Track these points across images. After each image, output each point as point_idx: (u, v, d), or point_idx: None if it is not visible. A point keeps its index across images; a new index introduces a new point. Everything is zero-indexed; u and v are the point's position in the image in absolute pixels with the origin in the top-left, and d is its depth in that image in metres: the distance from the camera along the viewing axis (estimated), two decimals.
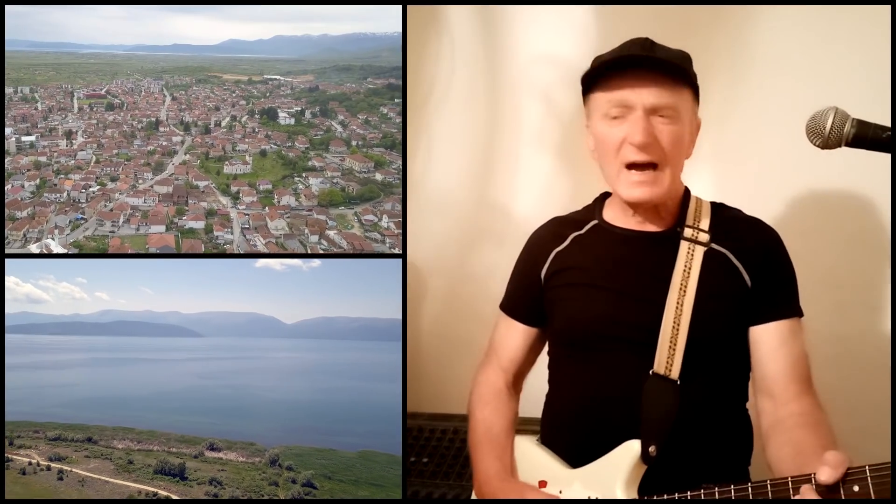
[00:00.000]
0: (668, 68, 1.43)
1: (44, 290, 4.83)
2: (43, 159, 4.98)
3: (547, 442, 1.65)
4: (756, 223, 1.58)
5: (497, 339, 1.80)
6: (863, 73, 2.16)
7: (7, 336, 6.48)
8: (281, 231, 4.16)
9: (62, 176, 4.76)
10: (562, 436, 1.61)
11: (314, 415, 4.34)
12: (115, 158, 5.14)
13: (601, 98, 1.49)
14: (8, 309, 4.26)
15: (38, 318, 5.93)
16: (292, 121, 5.74)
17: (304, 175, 4.85)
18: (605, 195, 1.71)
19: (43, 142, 5.21)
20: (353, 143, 5.17)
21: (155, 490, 2.80)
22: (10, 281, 4.33)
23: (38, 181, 4.65)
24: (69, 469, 2.94)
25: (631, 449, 1.40)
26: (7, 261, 4.09)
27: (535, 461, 1.61)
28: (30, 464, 2.93)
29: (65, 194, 4.50)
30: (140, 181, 4.80)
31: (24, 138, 5.18)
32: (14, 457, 2.97)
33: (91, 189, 4.59)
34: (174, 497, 2.83)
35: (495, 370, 1.78)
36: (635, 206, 1.54)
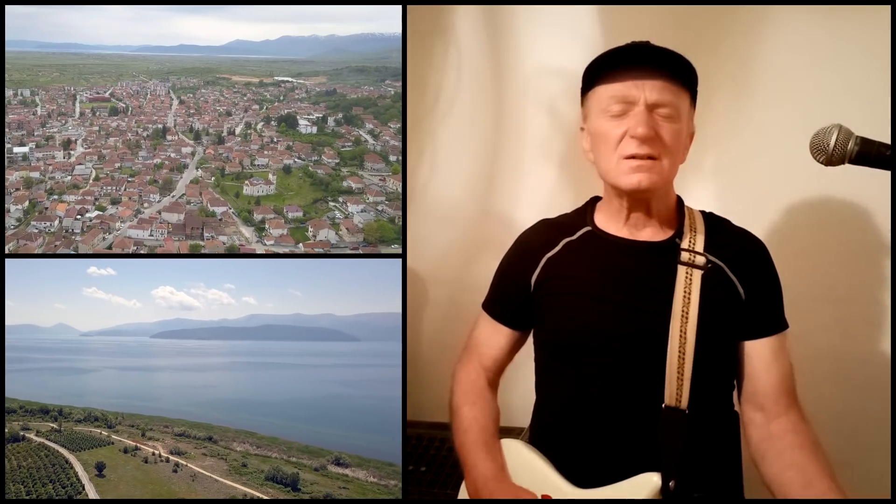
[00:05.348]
0: (676, 62, 1.41)
1: (195, 297, 4.77)
2: (35, 175, 4.11)
3: (538, 450, 1.57)
4: (746, 234, 1.54)
5: (479, 339, 1.71)
6: (868, 89, 2.08)
7: (159, 340, 6.67)
8: None
9: (55, 198, 3.87)
10: (554, 446, 1.53)
11: None
12: (117, 174, 4.29)
13: (603, 93, 1.44)
14: (164, 316, 4.71)
15: (189, 324, 5.86)
16: (314, 129, 4.89)
17: (340, 200, 3.86)
18: (595, 199, 1.64)
19: (38, 153, 4.37)
20: (393, 158, 4.21)
21: (261, 496, 2.72)
22: (165, 290, 4.41)
23: (26, 204, 3.67)
24: (185, 463, 2.94)
25: (650, 481, 1.34)
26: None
27: (534, 470, 1.52)
28: (153, 454, 2.99)
29: (56, 222, 3.52)
30: (146, 204, 3.85)
31: (16, 149, 4.33)
32: (142, 446, 3.04)
33: (88, 215, 3.60)
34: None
35: (476, 368, 1.69)
36: (631, 198, 1.47)
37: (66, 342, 6.01)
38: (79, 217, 3.66)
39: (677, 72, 1.42)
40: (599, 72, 1.45)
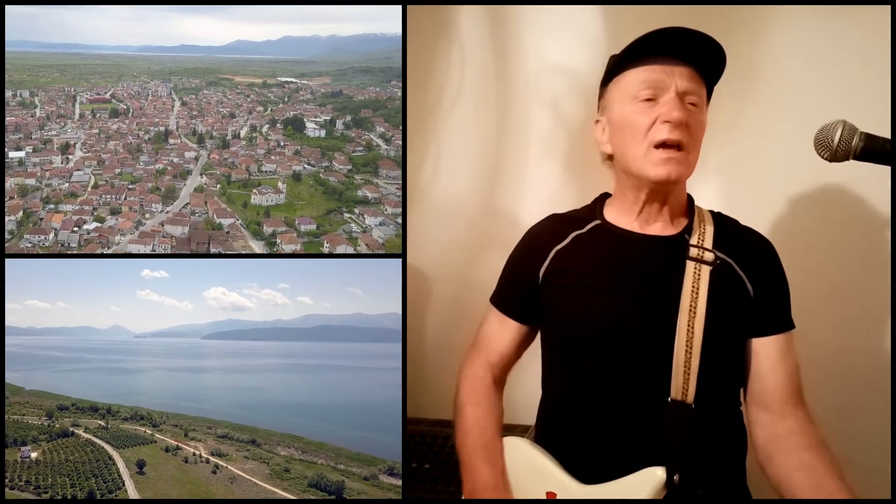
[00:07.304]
0: (704, 53, 1.40)
1: (247, 297, 4.38)
2: (31, 182, 3.82)
3: (543, 447, 1.53)
4: (753, 233, 1.54)
5: (487, 334, 1.68)
6: (872, 85, 2.08)
7: (210, 342, 6.51)
8: None
9: (51, 207, 3.54)
10: (560, 441, 1.50)
11: None
12: (117, 181, 3.99)
13: (633, 78, 1.42)
14: (216, 317, 4.32)
15: (242, 325, 5.46)
16: (322, 133, 4.59)
17: (356, 211, 3.58)
18: (605, 196, 1.63)
19: (34, 158, 4.09)
20: None
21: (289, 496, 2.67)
22: (217, 291, 4.11)
23: (20, 215, 3.37)
24: (225, 465, 2.88)
25: (655, 475, 1.33)
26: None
27: (538, 467, 1.49)
28: (194, 454, 2.97)
29: (51, 235, 3.20)
30: (147, 215, 3.53)
31: (12, 154, 4.05)
32: (184, 446, 3.01)
33: (86, 227, 3.31)
34: None
35: (483, 365, 1.66)
36: (652, 190, 1.45)
37: (120, 343, 5.84)
38: (76, 230, 3.37)
39: (701, 64, 1.42)
40: (628, 58, 1.42)
